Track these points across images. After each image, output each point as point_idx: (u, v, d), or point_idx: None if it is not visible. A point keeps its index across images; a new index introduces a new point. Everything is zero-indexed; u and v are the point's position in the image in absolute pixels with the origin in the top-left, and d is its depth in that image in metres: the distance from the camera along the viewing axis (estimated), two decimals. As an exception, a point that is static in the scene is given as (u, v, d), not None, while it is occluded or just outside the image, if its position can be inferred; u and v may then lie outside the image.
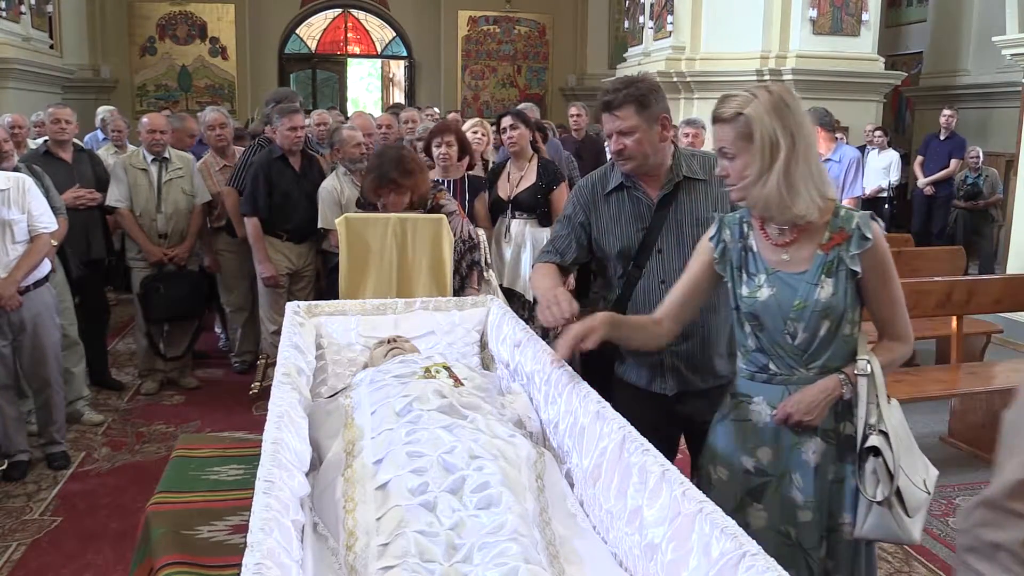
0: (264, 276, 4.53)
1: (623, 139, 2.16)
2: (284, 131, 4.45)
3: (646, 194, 2.26)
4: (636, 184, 2.26)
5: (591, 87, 12.79)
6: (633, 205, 2.27)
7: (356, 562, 1.61)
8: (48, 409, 3.77)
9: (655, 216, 2.24)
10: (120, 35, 12.02)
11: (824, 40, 7.92)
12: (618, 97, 2.15)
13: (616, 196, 2.29)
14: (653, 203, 2.25)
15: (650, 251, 2.24)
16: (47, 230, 3.60)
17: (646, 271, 2.25)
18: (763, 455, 1.90)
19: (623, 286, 2.29)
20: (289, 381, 2.14)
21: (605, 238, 2.30)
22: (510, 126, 4.32)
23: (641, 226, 2.25)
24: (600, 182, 2.35)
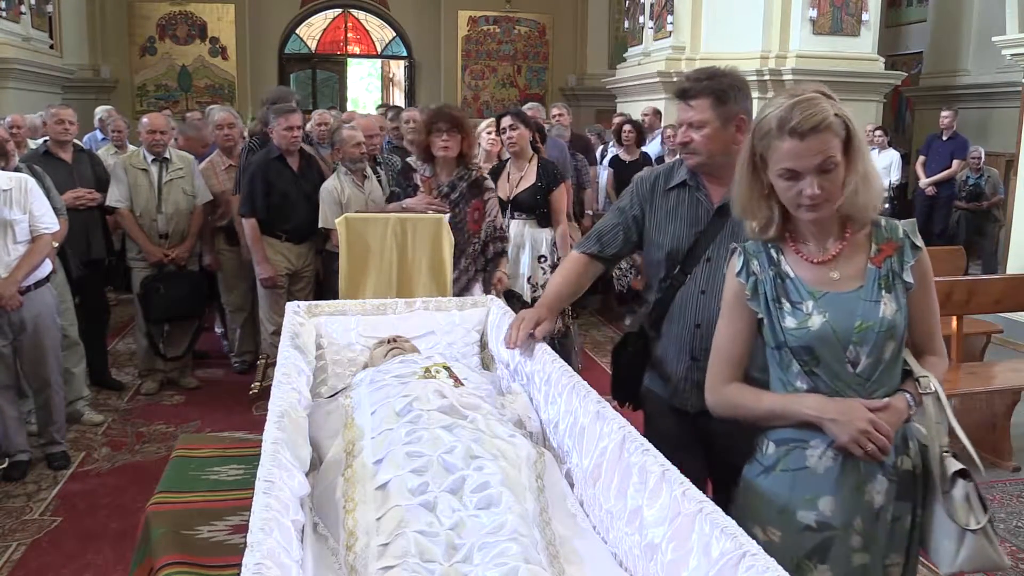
0: (262, 277, 4.53)
1: (692, 132, 2.05)
2: (281, 131, 4.43)
3: (708, 197, 2.12)
4: (700, 184, 2.13)
5: (591, 87, 12.80)
6: (692, 206, 2.14)
7: (356, 562, 1.61)
8: (48, 409, 3.77)
9: (712, 222, 2.10)
10: (120, 35, 12.01)
11: (824, 40, 7.92)
12: (696, 87, 2.05)
13: (677, 193, 2.17)
14: (713, 208, 2.10)
15: (699, 258, 2.10)
16: (48, 230, 3.60)
17: (690, 278, 2.11)
18: (826, 505, 1.64)
19: (664, 290, 2.16)
20: (289, 381, 2.15)
21: (656, 236, 2.18)
22: (510, 126, 4.31)
23: (695, 230, 2.12)
24: (664, 176, 2.23)
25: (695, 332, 2.09)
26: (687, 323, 2.11)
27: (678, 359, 2.14)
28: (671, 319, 2.14)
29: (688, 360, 2.11)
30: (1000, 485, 3.77)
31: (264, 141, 4.74)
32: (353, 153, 4.36)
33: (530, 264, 4.41)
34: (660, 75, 8.48)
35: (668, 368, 2.17)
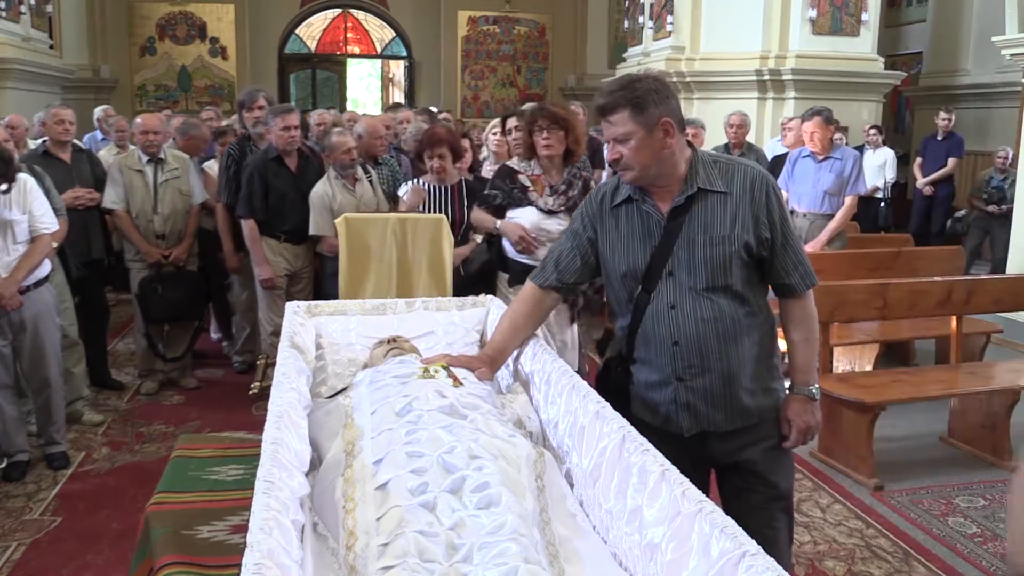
0: (261, 279, 4.52)
1: (619, 147, 1.95)
2: (277, 131, 4.40)
3: (656, 208, 2.01)
4: (645, 197, 2.02)
5: (591, 87, 12.79)
6: (641, 220, 2.03)
7: (356, 562, 1.61)
8: (48, 409, 3.77)
9: (665, 233, 1.98)
10: (120, 35, 12.02)
11: (824, 40, 7.92)
12: (611, 100, 1.94)
13: (624, 210, 2.06)
14: (663, 218, 2.00)
15: (659, 273, 1.99)
16: (48, 231, 3.61)
17: (655, 295, 2.00)
18: None
19: (632, 311, 2.05)
20: (289, 381, 2.15)
21: (611, 257, 2.08)
22: (516, 127, 4.21)
23: (650, 244, 2.00)
24: (610, 193, 2.11)
25: (674, 351, 1.99)
26: (664, 343, 2.00)
27: (662, 383, 2.03)
28: (646, 342, 2.04)
29: (673, 382, 2.01)
30: (1000, 485, 3.77)
31: (243, 145, 4.72)
32: (343, 159, 4.35)
33: None
34: (660, 75, 8.48)
35: (653, 394, 2.06)
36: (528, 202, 3.44)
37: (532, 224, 3.39)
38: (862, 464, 3.77)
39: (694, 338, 1.95)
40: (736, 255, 1.93)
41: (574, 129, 3.33)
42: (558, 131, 3.32)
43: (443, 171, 4.00)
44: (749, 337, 1.97)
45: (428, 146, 4.02)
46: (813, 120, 5.00)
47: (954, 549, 3.17)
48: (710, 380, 1.98)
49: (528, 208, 3.44)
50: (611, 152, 1.98)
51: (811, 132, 5.00)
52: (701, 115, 7.11)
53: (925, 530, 3.33)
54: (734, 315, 1.95)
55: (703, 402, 2.00)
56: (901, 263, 5.01)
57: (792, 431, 2.05)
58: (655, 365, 2.03)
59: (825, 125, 4.98)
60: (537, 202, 3.42)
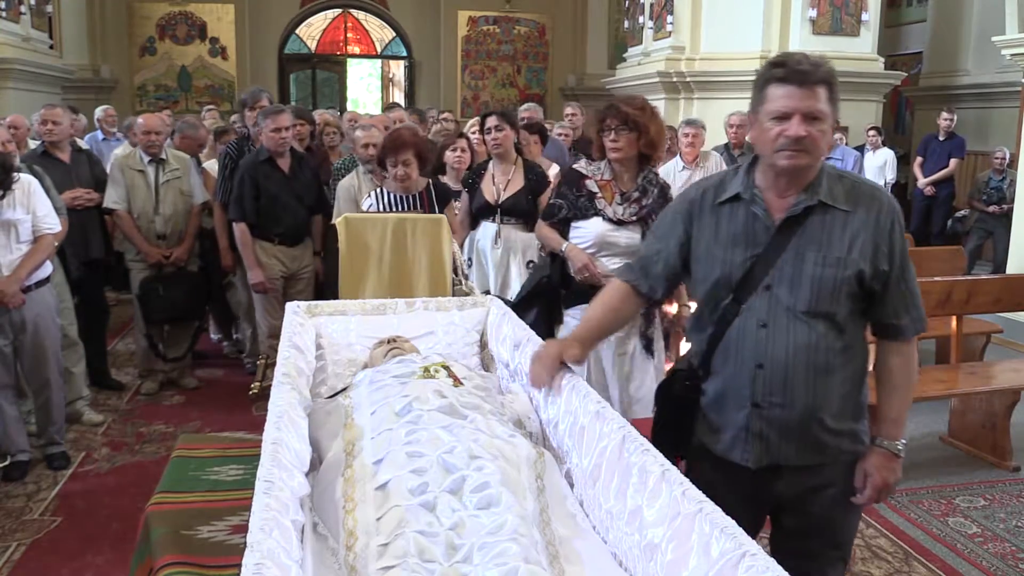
0: (253, 282, 4.50)
1: (810, 125, 1.69)
2: (268, 132, 4.37)
3: (767, 212, 1.79)
4: (757, 197, 1.81)
5: (591, 87, 12.80)
6: (747, 223, 1.81)
7: (356, 562, 1.61)
8: (48, 410, 3.77)
9: (772, 242, 1.77)
10: (120, 35, 12.02)
11: (824, 40, 7.91)
12: (817, 73, 1.69)
13: (729, 209, 1.85)
14: (773, 225, 1.78)
15: (756, 285, 1.78)
16: (51, 231, 3.62)
17: (746, 309, 1.80)
18: None
19: (717, 322, 1.85)
20: (289, 381, 2.15)
21: (705, 259, 1.87)
22: (495, 127, 4.11)
23: (752, 252, 1.79)
24: (714, 188, 1.90)
25: (756, 374, 1.79)
26: (745, 363, 1.80)
27: (736, 405, 1.83)
28: (725, 357, 1.84)
29: (748, 407, 1.81)
30: (1000, 485, 3.77)
31: (241, 145, 4.72)
32: (363, 154, 4.35)
33: (521, 271, 4.17)
34: (660, 75, 8.49)
35: (723, 415, 1.87)
36: (595, 211, 2.99)
37: (598, 236, 2.97)
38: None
39: (781, 364, 1.76)
40: (847, 282, 1.74)
41: (647, 131, 2.91)
42: (627, 133, 2.91)
43: (407, 179, 3.70)
44: (841, 372, 1.79)
45: (391, 151, 3.69)
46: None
47: (954, 549, 3.17)
48: (790, 412, 1.78)
49: (594, 219, 3.00)
50: (796, 126, 1.68)
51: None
52: (701, 115, 7.11)
53: (925, 530, 3.33)
54: (830, 346, 1.76)
55: (777, 433, 1.80)
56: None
57: (868, 486, 1.85)
58: (731, 385, 1.84)
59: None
60: (605, 211, 2.98)
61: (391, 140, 3.74)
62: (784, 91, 1.69)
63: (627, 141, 2.92)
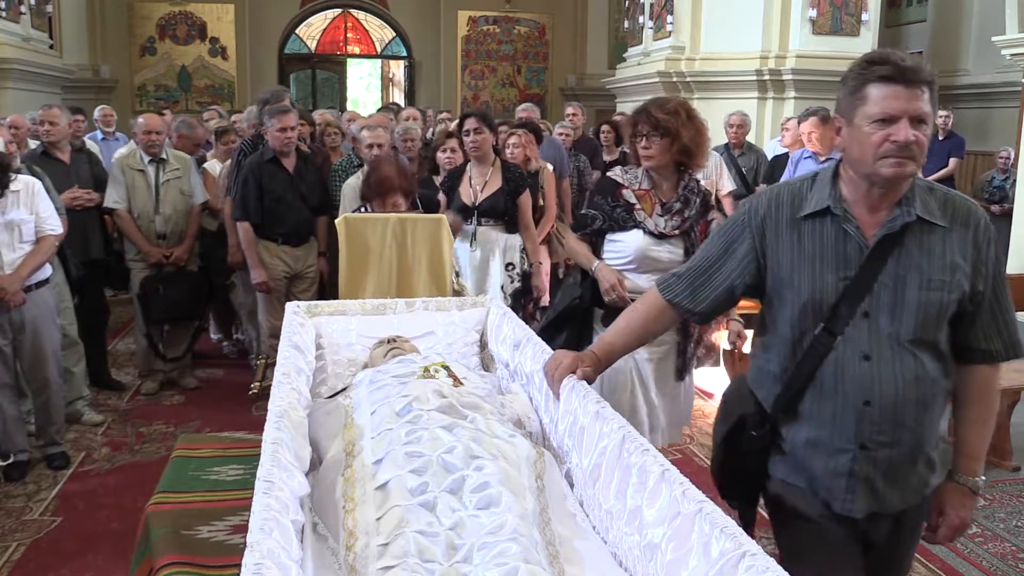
0: (255, 282, 4.50)
1: (919, 129, 1.52)
2: (274, 132, 4.37)
3: (860, 230, 1.62)
4: (848, 213, 1.63)
5: (591, 87, 12.80)
6: (836, 242, 1.63)
7: (356, 562, 1.61)
8: (47, 410, 3.77)
9: (867, 263, 1.60)
10: (120, 35, 12.02)
11: (824, 40, 7.92)
12: (923, 72, 1.53)
13: (814, 224, 1.65)
14: (867, 244, 1.61)
15: (852, 312, 1.61)
16: (54, 232, 3.65)
17: (843, 340, 1.62)
18: None
19: (805, 355, 1.65)
20: (289, 381, 2.15)
21: (789, 281, 1.67)
22: (474, 130, 4.06)
23: (844, 274, 1.62)
24: (793, 199, 1.69)
25: (864, 413, 1.61)
26: (848, 401, 1.62)
27: (836, 449, 1.64)
28: (820, 395, 1.64)
29: (854, 449, 1.63)
30: (1000, 485, 3.77)
31: (256, 143, 4.72)
32: (367, 155, 4.34)
33: (499, 273, 4.16)
34: (660, 75, 8.49)
35: (818, 461, 1.67)
36: (634, 223, 2.72)
37: (638, 251, 2.70)
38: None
39: (891, 400, 1.60)
40: (951, 306, 1.61)
41: (679, 137, 2.63)
42: (659, 139, 2.65)
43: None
44: (939, 403, 1.69)
45: (378, 195, 3.54)
46: (809, 121, 4.99)
47: (954, 549, 3.17)
48: (898, 451, 1.64)
49: (633, 231, 2.72)
50: (905, 132, 1.51)
51: (808, 132, 4.99)
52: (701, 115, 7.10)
53: (925, 530, 3.32)
54: (934, 376, 1.64)
55: (883, 477, 1.64)
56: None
57: (943, 525, 1.75)
58: (830, 426, 1.64)
59: (822, 124, 4.97)
60: (645, 223, 2.71)
61: (378, 183, 3.55)
62: (890, 91, 1.52)
63: (659, 148, 2.66)
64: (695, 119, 2.70)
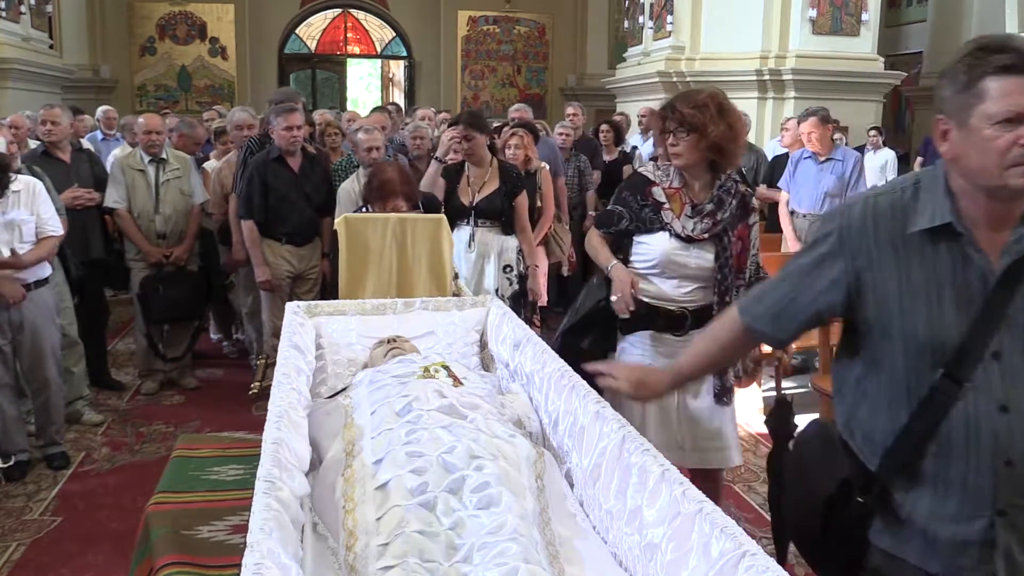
0: (259, 280, 4.50)
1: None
2: (280, 131, 4.36)
3: (983, 254, 1.36)
4: (971, 234, 1.37)
5: (591, 87, 12.80)
6: (955, 267, 1.38)
7: (356, 562, 1.61)
8: (47, 410, 3.77)
9: (994, 294, 1.35)
10: (120, 35, 12.02)
11: (824, 40, 7.92)
12: None
13: (925, 244, 1.39)
14: (993, 271, 1.36)
15: (979, 353, 1.36)
16: (54, 233, 3.65)
17: (971, 387, 1.36)
18: None
19: (924, 406, 1.40)
20: (289, 381, 2.15)
21: (899, 315, 1.40)
22: (465, 137, 3.99)
23: (967, 308, 1.36)
24: (895, 211, 1.42)
25: (1003, 474, 1.37)
26: (984, 460, 1.37)
27: (967, 515, 1.40)
28: (945, 453, 1.39)
29: (989, 516, 1.38)
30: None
31: (263, 141, 4.73)
32: (365, 158, 4.32)
33: (496, 275, 4.11)
34: (660, 75, 8.49)
35: (944, 529, 1.42)
36: (660, 224, 2.46)
37: (663, 255, 2.45)
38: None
39: None
40: None
41: (708, 133, 2.38)
42: (686, 136, 2.41)
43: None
44: None
45: (379, 199, 3.46)
46: (809, 121, 5.00)
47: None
48: None
49: (659, 233, 2.47)
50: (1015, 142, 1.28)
51: (808, 132, 5.00)
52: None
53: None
54: None
55: (1020, 545, 1.40)
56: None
57: None
58: (960, 491, 1.39)
59: (822, 125, 4.98)
60: (672, 225, 2.46)
61: (380, 187, 3.47)
62: (1014, 84, 1.28)
63: (687, 146, 2.42)
64: (728, 113, 2.41)
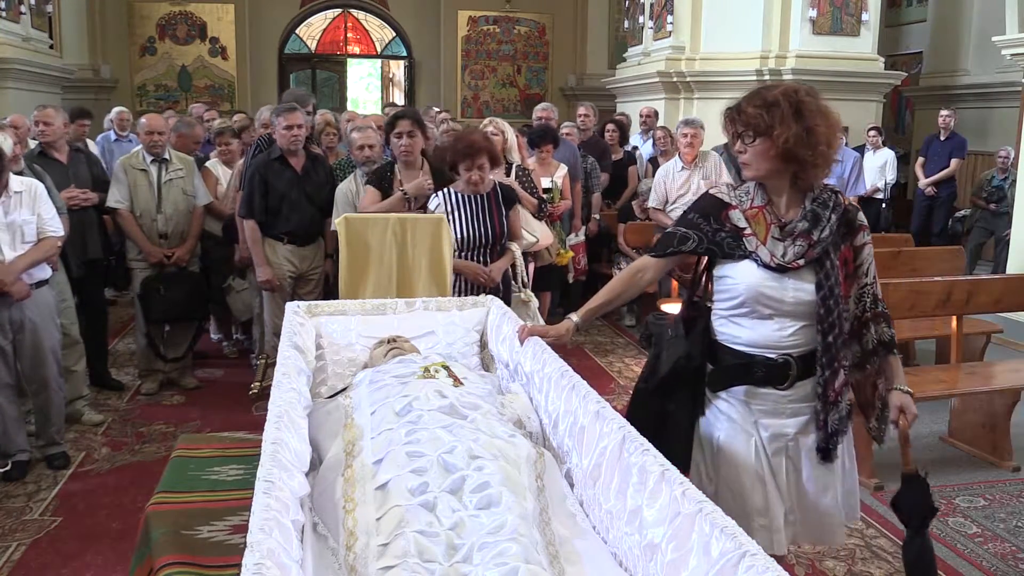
0: (260, 280, 4.50)
1: None
2: (281, 130, 4.37)
3: None
4: None
5: (591, 87, 12.79)
6: None
7: (356, 562, 1.61)
8: (47, 410, 3.77)
9: None
10: (120, 35, 12.02)
11: (824, 40, 7.92)
12: None
13: None
14: None
15: None
16: (55, 234, 3.66)
17: None
18: None
19: None
20: (289, 381, 2.15)
21: None
22: (407, 132, 3.88)
23: None
24: None
25: None
26: None
27: None
28: None
29: None
30: (1000, 485, 3.77)
31: (270, 142, 4.73)
32: (359, 156, 4.31)
33: None
34: (660, 75, 8.49)
35: None
36: (743, 252, 2.02)
37: (750, 289, 2.00)
38: (862, 464, 3.71)
39: None
40: None
41: (777, 137, 1.93)
42: (753, 141, 1.98)
43: (480, 182, 3.56)
44: None
45: (466, 156, 3.54)
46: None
47: (954, 549, 3.17)
48: None
49: (742, 263, 2.02)
50: None
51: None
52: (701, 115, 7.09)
53: (925, 530, 3.32)
54: None
55: None
56: (901, 263, 5.00)
57: None
58: None
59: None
60: (758, 252, 1.99)
61: (466, 146, 3.56)
62: None
63: (755, 153, 2.01)
64: (807, 114, 1.95)
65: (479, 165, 3.52)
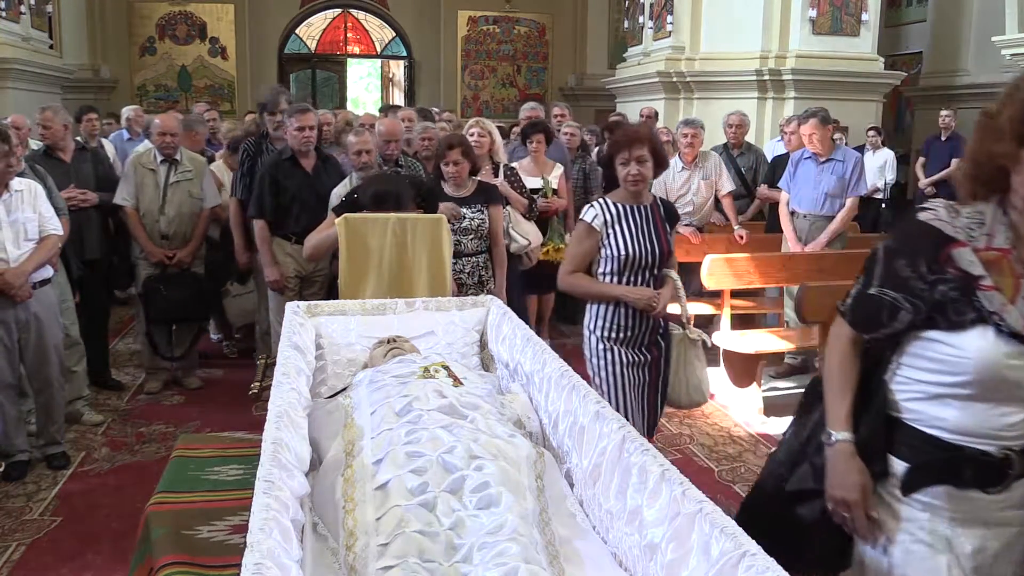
0: (268, 280, 4.49)
1: None
2: (292, 131, 4.35)
3: None
4: None
5: (591, 87, 12.80)
6: None
7: (356, 562, 1.61)
8: (48, 409, 3.78)
9: None
10: (120, 35, 12.02)
11: (824, 40, 7.92)
12: None
13: None
14: None
15: None
16: (56, 232, 3.69)
17: None
18: None
19: None
20: (289, 381, 2.15)
21: None
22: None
23: None
24: None
25: None
26: None
27: None
28: None
29: None
30: (1000, 485, 3.76)
31: (260, 142, 4.72)
32: (355, 161, 4.30)
33: None
34: (660, 75, 8.49)
35: None
36: (977, 315, 1.45)
37: (983, 365, 1.44)
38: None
39: None
40: None
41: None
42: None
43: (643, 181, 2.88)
44: None
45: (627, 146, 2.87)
46: (810, 122, 5.01)
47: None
48: None
49: (974, 330, 1.45)
50: None
51: (810, 134, 5.01)
52: (701, 115, 7.11)
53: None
54: None
55: None
56: (901, 263, 4.99)
57: None
58: None
59: (823, 125, 4.99)
60: (1002, 315, 1.43)
61: (627, 136, 2.89)
62: None
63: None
64: None
65: (638, 157, 2.81)
